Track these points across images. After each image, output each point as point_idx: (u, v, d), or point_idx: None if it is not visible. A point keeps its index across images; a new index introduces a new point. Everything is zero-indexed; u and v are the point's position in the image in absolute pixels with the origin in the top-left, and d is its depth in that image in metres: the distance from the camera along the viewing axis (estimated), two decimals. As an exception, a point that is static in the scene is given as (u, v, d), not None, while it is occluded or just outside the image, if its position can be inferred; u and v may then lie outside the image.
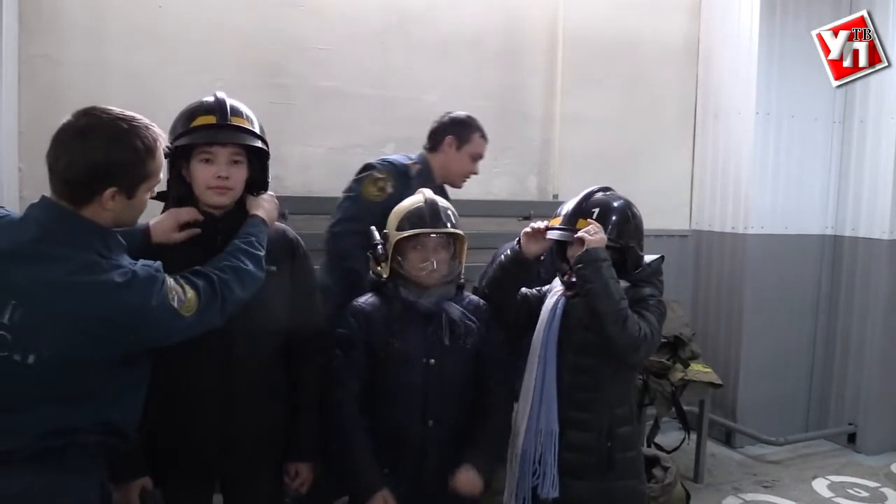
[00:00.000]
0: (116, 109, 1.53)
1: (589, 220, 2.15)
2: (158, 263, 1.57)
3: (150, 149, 1.54)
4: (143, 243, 1.83)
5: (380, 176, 2.83)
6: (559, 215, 2.24)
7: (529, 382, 2.18)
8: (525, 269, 2.24)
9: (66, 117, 1.52)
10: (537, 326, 2.21)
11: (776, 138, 4.19)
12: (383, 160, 2.93)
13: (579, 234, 2.09)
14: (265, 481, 2.07)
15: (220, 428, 1.93)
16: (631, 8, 4.22)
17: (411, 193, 2.29)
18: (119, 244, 1.57)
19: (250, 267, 1.74)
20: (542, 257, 2.27)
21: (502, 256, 2.27)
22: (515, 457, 2.18)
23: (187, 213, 1.91)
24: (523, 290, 2.32)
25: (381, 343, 2.09)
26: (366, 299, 2.17)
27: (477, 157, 3.04)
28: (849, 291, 4.33)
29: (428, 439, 2.09)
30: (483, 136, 3.06)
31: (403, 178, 2.84)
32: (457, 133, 3.01)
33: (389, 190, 2.77)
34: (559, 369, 2.15)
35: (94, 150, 1.47)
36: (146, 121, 1.56)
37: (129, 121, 1.52)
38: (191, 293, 1.57)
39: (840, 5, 4.16)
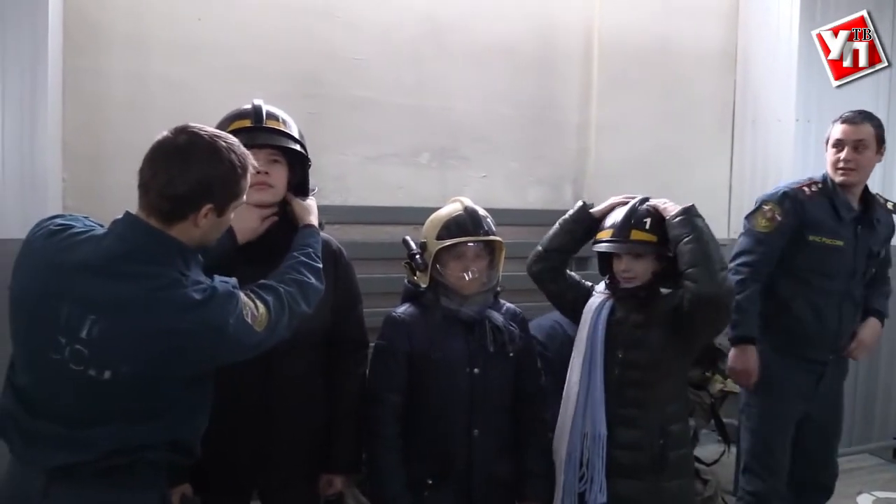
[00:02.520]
0: (209, 128, 1.56)
1: (642, 231, 2.15)
2: (234, 280, 1.58)
3: (244, 167, 1.56)
4: (230, 245, 1.86)
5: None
6: (604, 229, 2.23)
7: (573, 385, 2.16)
8: (583, 231, 2.30)
9: (162, 134, 1.53)
10: (581, 325, 2.20)
11: (817, 145, 4.07)
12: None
13: (657, 203, 2.17)
14: (302, 492, 2.07)
15: (259, 439, 1.94)
16: (667, 14, 4.18)
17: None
18: (197, 261, 1.58)
19: (312, 280, 1.75)
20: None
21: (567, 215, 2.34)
22: (560, 461, 2.15)
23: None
24: (575, 275, 2.37)
25: (423, 354, 2.08)
26: (404, 309, 2.17)
27: (834, 143, 2.76)
28: (893, 301, 4.21)
29: (474, 449, 2.08)
30: (838, 121, 2.78)
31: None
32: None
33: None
34: (608, 365, 2.13)
35: (197, 167, 1.48)
36: (235, 140, 1.58)
37: (224, 139, 1.54)
38: (262, 308, 1.57)
39: (882, 10, 4.08)
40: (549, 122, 3.96)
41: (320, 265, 1.82)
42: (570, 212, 2.33)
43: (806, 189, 2.75)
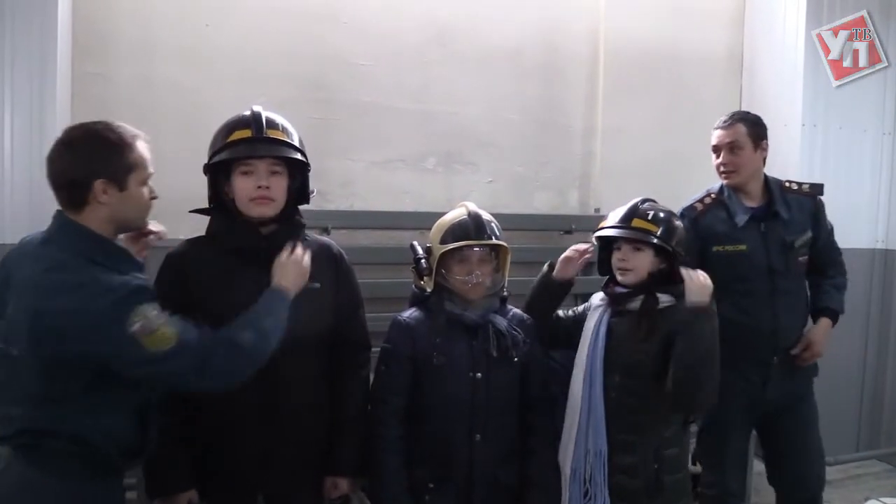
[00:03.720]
0: (98, 121, 1.68)
1: (644, 220, 2.15)
2: (150, 287, 1.66)
3: (124, 138, 1.65)
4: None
5: None
6: (605, 220, 2.24)
7: (575, 403, 2.15)
8: (554, 295, 2.29)
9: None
10: (580, 345, 2.19)
11: (823, 150, 4.09)
12: None
13: (688, 274, 2.04)
14: (308, 496, 2.07)
15: (264, 443, 1.95)
16: (673, 19, 4.18)
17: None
18: (124, 257, 1.68)
19: (248, 342, 1.67)
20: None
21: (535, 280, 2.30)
22: (566, 476, 2.15)
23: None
24: (560, 311, 2.34)
25: (426, 357, 2.08)
26: (410, 313, 2.17)
27: (713, 149, 2.82)
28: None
29: (476, 454, 2.07)
30: (716, 128, 2.83)
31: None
32: None
33: None
34: (606, 387, 2.12)
35: (78, 151, 1.62)
36: (118, 123, 1.69)
37: (103, 122, 1.66)
38: (167, 330, 1.55)
39: (889, 16, 4.08)
40: (555, 126, 3.96)
41: (269, 325, 1.73)
42: (538, 277, 2.33)
43: (698, 205, 2.77)
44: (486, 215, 2.16)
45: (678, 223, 2.22)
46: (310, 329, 1.97)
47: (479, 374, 2.08)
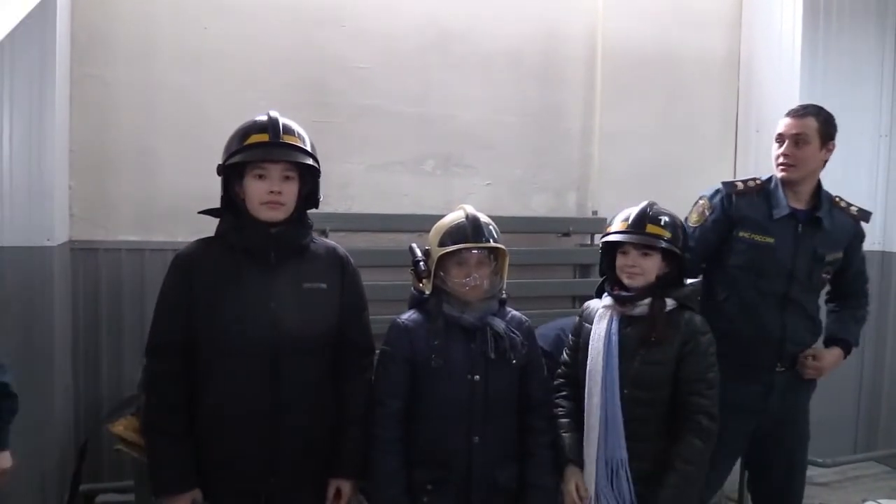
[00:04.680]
0: None
1: (657, 226, 2.15)
2: None
3: None
4: None
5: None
6: (611, 224, 2.24)
7: (593, 415, 2.14)
8: None
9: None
10: (591, 354, 2.18)
11: (821, 152, 4.11)
12: None
13: None
14: (309, 497, 2.07)
15: (267, 444, 1.96)
16: (671, 22, 4.19)
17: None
18: None
19: None
20: None
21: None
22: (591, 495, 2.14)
23: None
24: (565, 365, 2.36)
25: (425, 360, 2.09)
26: (408, 316, 2.18)
27: (777, 137, 2.64)
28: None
29: (474, 455, 2.08)
30: (785, 115, 2.67)
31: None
32: None
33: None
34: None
35: None
36: None
37: None
38: None
39: (885, 18, 4.09)
40: (553, 129, 3.97)
41: None
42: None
43: (740, 184, 2.62)
44: (484, 218, 2.16)
45: (682, 225, 2.23)
46: (314, 330, 1.99)
47: (477, 377, 2.08)
